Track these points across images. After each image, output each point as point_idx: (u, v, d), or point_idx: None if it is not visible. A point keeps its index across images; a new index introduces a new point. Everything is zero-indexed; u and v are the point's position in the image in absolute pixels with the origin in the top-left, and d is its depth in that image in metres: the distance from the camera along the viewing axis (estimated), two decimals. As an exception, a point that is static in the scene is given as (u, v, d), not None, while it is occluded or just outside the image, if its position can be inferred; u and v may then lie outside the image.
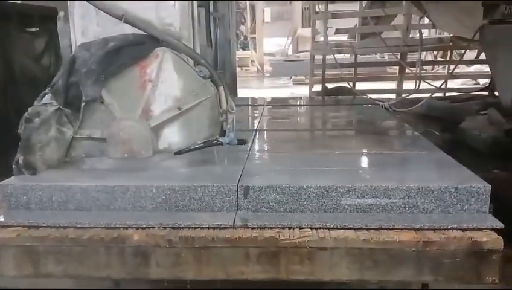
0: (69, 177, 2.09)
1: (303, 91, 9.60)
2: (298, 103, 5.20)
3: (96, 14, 2.17)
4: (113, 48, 2.11)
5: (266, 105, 4.40)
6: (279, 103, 4.92)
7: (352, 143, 2.93)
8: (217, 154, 2.39)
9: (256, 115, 3.97)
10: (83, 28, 2.23)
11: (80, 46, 2.16)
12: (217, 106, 2.27)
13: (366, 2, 7.26)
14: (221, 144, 2.25)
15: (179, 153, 2.21)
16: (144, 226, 1.87)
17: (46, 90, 2.23)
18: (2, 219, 1.96)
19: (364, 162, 2.45)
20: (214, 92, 2.24)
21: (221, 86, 2.27)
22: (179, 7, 2.21)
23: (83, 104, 2.17)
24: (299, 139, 3.05)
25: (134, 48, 2.16)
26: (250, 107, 4.65)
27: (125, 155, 2.19)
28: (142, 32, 2.19)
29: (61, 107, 2.18)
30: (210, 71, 2.24)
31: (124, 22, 2.11)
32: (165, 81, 2.17)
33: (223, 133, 2.32)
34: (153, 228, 1.86)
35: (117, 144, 2.18)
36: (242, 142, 2.36)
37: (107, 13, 2.12)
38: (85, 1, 2.14)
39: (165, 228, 1.85)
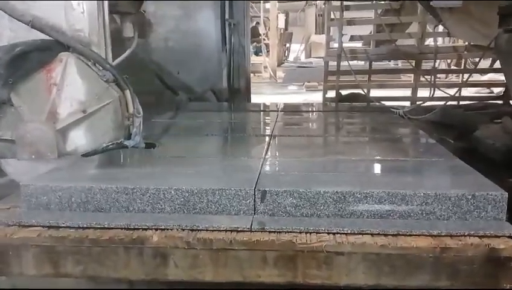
0: (90, 178, 2.12)
1: (316, 97, 9.60)
2: (312, 109, 5.19)
3: (9, 20, 2.21)
4: (20, 52, 2.16)
5: (280, 111, 4.40)
6: (293, 109, 4.92)
7: (368, 149, 2.92)
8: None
9: (270, 121, 3.98)
10: None
11: None
12: (121, 109, 2.29)
13: (381, 9, 7.26)
14: (127, 147, 2.28)
15: (86, 155, 2.25)
16: (163, 227, 1.88)
17: None
18: (23, 219, 1.99)
19: (381, 168, 2.45)
20: (117, 95, 2.27)
21: (127, 90, 2.29)
22: (88, 13, 2.24)
23: None
24: (314, 145, 3.06)
25: (41, 53, 2.21)
26: (263, 112, 4.68)
27: (33, 157, 2.23)
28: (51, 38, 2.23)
29: None
30: (115, 75, 2.26)
31: (31, 27, 2.16)
32: (70, 84, 2.22)
33: (129, 136, 2.34)
34: (171, 229, 1.87)
35: (24, 146, 2.23)
36: (151, 145, 2.37)
37: (15, 18, 2.16)
38: None
39: (183, 229, 1.87)
